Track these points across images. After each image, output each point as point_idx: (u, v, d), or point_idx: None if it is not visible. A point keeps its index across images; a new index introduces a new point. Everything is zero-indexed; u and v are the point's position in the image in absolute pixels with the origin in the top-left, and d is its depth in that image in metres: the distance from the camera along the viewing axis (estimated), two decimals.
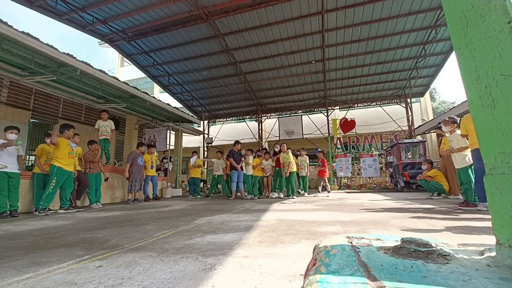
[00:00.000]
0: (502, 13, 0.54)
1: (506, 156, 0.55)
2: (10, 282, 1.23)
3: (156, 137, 10.65)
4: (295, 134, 13.38)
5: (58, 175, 4.45)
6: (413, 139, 10.44)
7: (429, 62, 10.28)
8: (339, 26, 8.45)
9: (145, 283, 1.18)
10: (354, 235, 0.77)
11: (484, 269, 0.50)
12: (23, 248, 1.90)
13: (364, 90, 12.77)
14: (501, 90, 0.55)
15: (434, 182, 5.72)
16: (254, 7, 7.53)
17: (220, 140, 15.61)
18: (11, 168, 4.10)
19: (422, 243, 0.60)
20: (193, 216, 3.48)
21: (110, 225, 2.92)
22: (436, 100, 24.11)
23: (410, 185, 8.50)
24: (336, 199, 6.01)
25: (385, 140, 12.36)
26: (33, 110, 7.55)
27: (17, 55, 5.30)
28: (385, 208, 4.01)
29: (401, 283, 0.44)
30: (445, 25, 8.01)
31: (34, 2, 6.84)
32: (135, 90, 7.43)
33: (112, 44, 9.42)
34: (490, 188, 0.58)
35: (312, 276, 0.49)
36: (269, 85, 12.41)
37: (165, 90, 12.93)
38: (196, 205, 5.35)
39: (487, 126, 0.59)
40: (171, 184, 9.49)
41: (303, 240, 1.95)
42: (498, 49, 0.55)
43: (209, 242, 1.95)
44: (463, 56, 0.64)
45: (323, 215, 3.35)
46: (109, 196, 6.46)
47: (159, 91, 19.30)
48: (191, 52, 10.03)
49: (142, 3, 7.44)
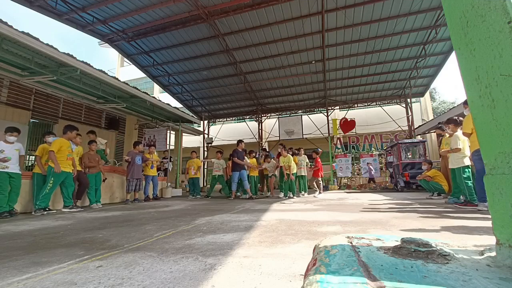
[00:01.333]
0: (502, 13, 0.54)
1: (506, 156, 0.55)
2: (10, 282, 1.23)
3: (156, 137, 10.64)
4: (295, 134, 13.38)
5: (55, 176, 4.46)
6: (413, 139, 10.45)
7: (429, 62, 10.28)
8: (339, 26, 8.45)
9: (145, 283, 1.18)
10: (354, 235, 0.77)
11: (484, 269, 0.50)
12: (23, 248, 1.90)
13: (364, 90, 12.77)
14: (501, 90, 0.55)
15: (434, 182, 5.72)
16: (254, 7, 7.53)
17: (220, 140, 15.61)
18: (13, 169, 4.10)
19: (422, 243, 0.60)
20: (193, 216, 3.48)
21: (110, 225, 2.92)
22: (436, 100, 24.12)
23: (410, 185, 8.50)
24: (336, 199, 6.01)
25: (385, 140, 12.36)
26: (33, 110, 7.54)
27: (17, 55, 5.30)
28: (385, 208, 4.01)
29: (401, 283, 0.44)
30: (445, 25, 8.01)
31: (34, 2, 6.84)
32: (135, 90, 7.42)
33: (112, 44, 9.43)
34: (490, 188, 0.58)
35: (312, 276, 0.49)
36: (269, 85, 12.41)
37: (165, 90, 12.93)
38: (196, 205, 5.35)
39: (487, 126, 0.59)
40: (171, 184, 9.49)
41: (303, 240, 1.95)
42: (498, 49, 0.55)
43: (209, 242, 1.95)
44: (463, 56, 0.64)
45: (323, 215, 3.35)
46: (109, 196, 6.45)
47: (159, 91, 19.31)
48: (191, 52, 10.03)
49: (142, 3, 7.44)
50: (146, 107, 8.80)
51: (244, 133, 15.42)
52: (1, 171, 3.96)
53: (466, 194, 4.08)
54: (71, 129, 4.92)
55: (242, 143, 7.38)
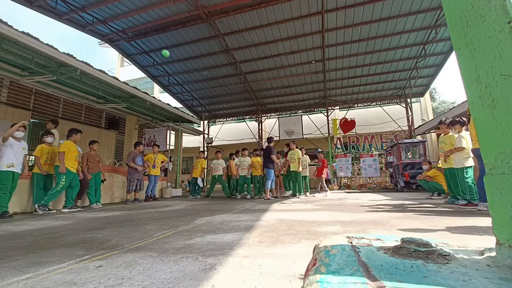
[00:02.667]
0: (502, 13, 0.54)
1: (506, 156, 0.55)
2: (10, 282, 1.23)
3: (156, 137, 10.64)
4: (295, 134, 13.38)
5: (67, 176, 4.61)
6: (413, 139, 10.44)
7: (429, 62, 10.28)
8: (339, 26, 8.45)
9: (145, 283, 1.18)
10: (354, 235, 0.77)
11: (484, 269, 0.50)
12: (23, 248, 1.90)
13: (364, 90, 12.77)
14: (501, 90, 0.55)
15: (434, 182, 5.72)
16: (254, 7, 7.53)
17: (220, 140, 15.62)
18: (16, 169, 4.07)
19: (422, 243, 0.60)
20: (193, 216, 3.48)
21: (110, 225, 2.92)
22: (436, 100, 24.12)
23: (410, 185, 8.50)
24: (336, 199, 6.01)
25: (385, 140, 12.36)
26: (33, 110, 7.54)
27: (17, 55, 5.30)
28: (385, 208, 4.01)
29: (401, 283, 0.44)
30: (445, 25, 8.01)
31: (34, 2, 6.84)
32: (135, 90, 7.42)
33: (112, 44, 9.43)
34: (490, 188, 0.58)
35: (312, 276, 0.49)
36: (269, 85, 12.42)
37: (165, 90, 12.93)
38: (196, 205, 5.35)
39: (487, 126, 0.59)
40: (171, 184, 9.49)
41: (303, 240, 1.95)
42: (498, 49, 0.55)
43: (209, 242, 1.95)
44: (463, 56, 0.64)
45: (323, 215, 3.35)
46: (109, 196, 6.45)
47: (159, 91, 19.31)
48: (191, 52, 10.04)
49: (142, 3, 7.45)
50: (146, 107, 8.80)
51: (244, 133, 15.43)
52: (7, 170, 3.91)
53: (467, 194, 4.08)
54: (75, 132, 5.03)
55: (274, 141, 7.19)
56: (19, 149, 4.13)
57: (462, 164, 4.19)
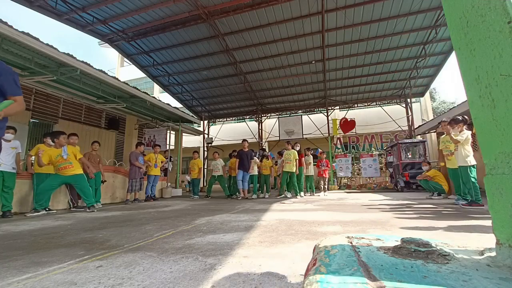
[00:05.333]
0: (502, 13, 0.54)
1: (506, 156, 0.55)
2: (10, 282, 1.23)
3: (156, 137, 10.64)
4: (295, 134, 13.38)
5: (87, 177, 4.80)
6: (413, 139, 10.44)
7: (429, 62, 10.27)
8: (339, 26, 8.45)
9: (145, 283, 1.18)
10: (354, 235, 0.77)
11: (484, 269, 0.50)
12: (23, 248, 1.90)
13: (364, 90, 12.76)
14: (501, 90, 0.55)
15: (434, 182, 5.72)
16: (254, 7, 7.53)
17: (220, 140, 15.61)
18: (5, 167, 4.03)
19: (422, 243, 0.60)
20: (193, 216, 3.48)
21: (110, 225, 2.92)
22: (436, 100, 24.09)
23: (410, 185, 8.50)
24: (336, 199, 6.01)
25: (385, 140, 12.35)
26: (33, 110, 7.54)
27: (17, 55, 5.30)
28: (385, 208, 4.01)
29: (401, 283, 0.44)
30: (445, 25, 8.01)
31: (34, 2, 6.83)
32: (135, 90, 7.42)
33: (112, 44, 9.42)
34: (490, 188, 0.58)
35: (312, 276, 0.49)
36: (269, 85, 12.41)
37: (165, 90, 12.92)
38: (196, 205, 5.35)
39: (487, 126, 0.59)
40: (171, 184, 9.49)
41: (303, 240, 1.95)
42: (498, 49, 0.55)
43: (209, 242, 1.95)
44: (463, 56, 0.64)
45: (323, 215, 3.35)
46: (109, 196, 6.45)
47: (159, 91, 19.30)
48: (191, 52, 10.03)
49: (142, 3, 7.44)
50: (146, 107, 8.80)
51: (244, 133, 15.41)
52: None
53: (472, 193, 4.04)
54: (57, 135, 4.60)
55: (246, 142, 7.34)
56: (7, 148, 4.09)
57: (465, 162, 4.09)
